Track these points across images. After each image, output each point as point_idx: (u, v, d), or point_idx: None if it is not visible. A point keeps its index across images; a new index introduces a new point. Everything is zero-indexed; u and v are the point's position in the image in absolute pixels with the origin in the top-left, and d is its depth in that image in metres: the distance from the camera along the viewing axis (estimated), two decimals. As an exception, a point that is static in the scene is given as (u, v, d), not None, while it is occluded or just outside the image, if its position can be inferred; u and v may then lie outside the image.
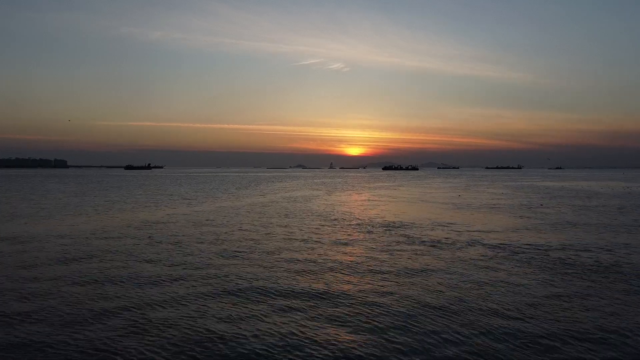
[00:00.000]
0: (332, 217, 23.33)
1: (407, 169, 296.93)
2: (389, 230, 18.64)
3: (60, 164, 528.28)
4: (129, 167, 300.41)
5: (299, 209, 27.54)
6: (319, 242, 15.87)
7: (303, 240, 16.23)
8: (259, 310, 8.43)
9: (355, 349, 6.69)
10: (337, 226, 20.00)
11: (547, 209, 27.70)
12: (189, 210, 26.46)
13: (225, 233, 17.76)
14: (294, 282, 10.28)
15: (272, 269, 11.64)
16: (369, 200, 35.72)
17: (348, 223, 21.08)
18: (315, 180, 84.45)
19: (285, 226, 19.80)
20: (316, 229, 19.18)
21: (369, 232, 18.17)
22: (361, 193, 45.53)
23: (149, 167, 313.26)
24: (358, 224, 20.62)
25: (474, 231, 18.22)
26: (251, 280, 10.50)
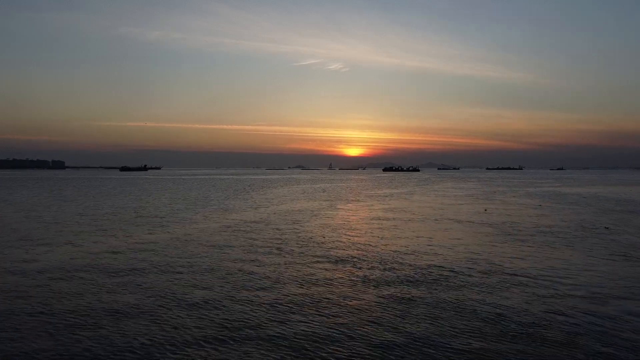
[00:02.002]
0: (343, 253, 16.50)
1: (408, 170, 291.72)
2: (435, 284, 11.80)
3: (58, 164, 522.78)
4: (124, 169, 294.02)
5: (296, 236, 20.70)
6: (333, 308, 9.03)
7: (305, 311, 9.36)
8: None
9: None
10: (355, 274, 13.17)
11: (625, 235, 20.88)
12: (140, 239, 19.58)
13: (177, 288, 10.88)
14: None
15: None
16: (382, 218, 28.86)
17: (368, 265, 14.29)
18: (315, 186, 77.64)
19: (275, 279, 12.91)
20: (325, 280, 12.31)
21: (405, 290, 11.33)
22: (370, 205, 38.69)
23: (145, 168, 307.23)
24: (383, 268, 13.79)
25: (574, 293, 11.36)
26: None
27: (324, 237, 20.46)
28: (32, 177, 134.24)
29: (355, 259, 15.64)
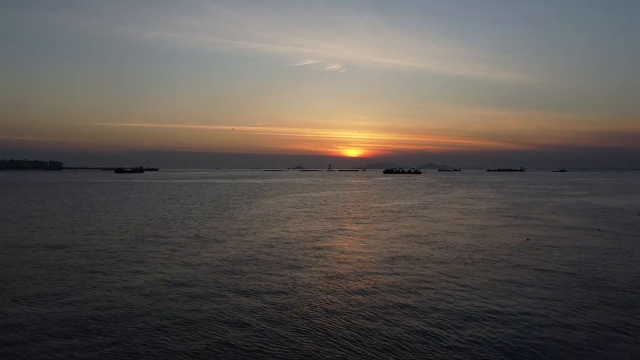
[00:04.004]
0: (363, 350, 9.05)
1: (409, 172, 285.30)
2: None
3: (56, 165, 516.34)
4: (119, 170, 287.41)
5: (289, 304, 13.23)
6: None
7: None
8: None
9: None
10: None
11: None
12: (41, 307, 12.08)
13: None
14: None
15: None
16: (405, 257, 21.46)
17: None
18: (315, 195, 70.16)
19: None
20: None
21: None
22: (384, 228, 31.30)
23: (141, 170, 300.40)
24: None
25: None
26: None
27: (328, 309, 12.96)
28: (15, 182, 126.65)
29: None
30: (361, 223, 33.60)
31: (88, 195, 66.46)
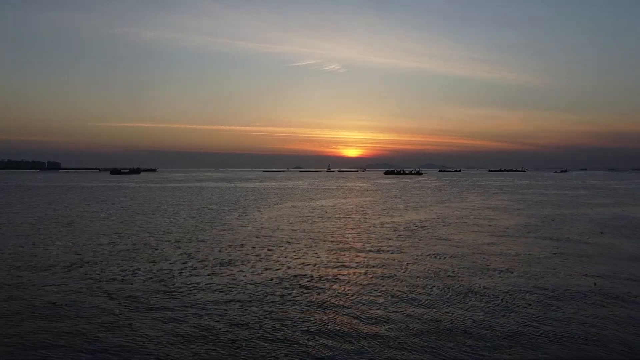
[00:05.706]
0: None
1: (410, 173, 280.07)
2: None
3: (54, 166, 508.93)
4: (115, 172, 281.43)
5: None
6: None
7: None
8: None
9: None
10: None
11: None
12: None
13: None
14: None
15: None
16: (463, 333, 15.23)
17: None
18: (315, 203, 63.88)
19: None
20: None
21: None
22: (405, 259, 25.03)
23: (137, 171, 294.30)
24: None
25: None
26: None
27: None
28: (3, 185, 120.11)
29: None
30: (374, 254, 27.20)
31: (66, 204, 60.10)
